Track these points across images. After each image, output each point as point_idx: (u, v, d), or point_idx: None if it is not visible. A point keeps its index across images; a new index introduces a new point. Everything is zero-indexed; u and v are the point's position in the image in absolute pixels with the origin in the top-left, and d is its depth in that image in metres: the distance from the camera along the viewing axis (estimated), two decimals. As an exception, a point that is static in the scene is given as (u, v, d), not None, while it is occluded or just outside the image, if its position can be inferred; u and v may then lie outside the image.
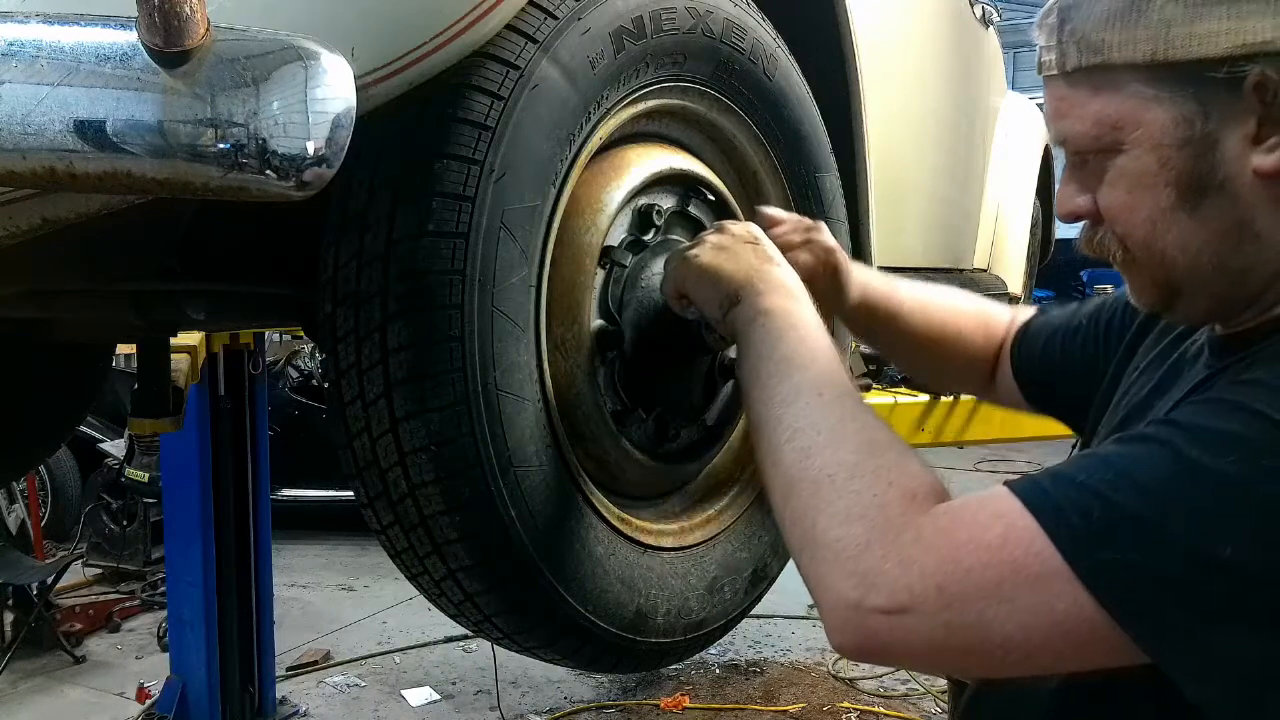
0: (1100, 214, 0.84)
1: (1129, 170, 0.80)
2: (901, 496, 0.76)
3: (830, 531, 0.77)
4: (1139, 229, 0.81)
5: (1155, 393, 0.91)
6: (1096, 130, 0.81)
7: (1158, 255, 0.81)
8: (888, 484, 0.77)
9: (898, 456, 0.81)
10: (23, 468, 2.62)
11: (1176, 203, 0.79)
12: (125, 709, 4.11)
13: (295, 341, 6.90)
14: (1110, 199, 0.82)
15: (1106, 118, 0.80)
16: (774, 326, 0.93)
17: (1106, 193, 0.82)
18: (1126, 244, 0.83)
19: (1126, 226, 0.82)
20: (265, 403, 3.78)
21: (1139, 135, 0.79)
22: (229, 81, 0.65)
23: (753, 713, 4.18)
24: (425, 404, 0.93)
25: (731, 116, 1.27)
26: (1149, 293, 0.86)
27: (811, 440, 0.82)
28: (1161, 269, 0.82)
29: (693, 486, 1.32)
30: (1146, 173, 0.79)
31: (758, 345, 0.94)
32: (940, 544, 0.73)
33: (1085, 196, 0.84)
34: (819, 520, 0.78)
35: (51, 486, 6.02)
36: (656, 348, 1.15)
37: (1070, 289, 17.47)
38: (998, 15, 3.59)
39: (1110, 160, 0.81)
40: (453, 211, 0.92)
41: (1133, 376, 0.98)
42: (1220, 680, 0.70)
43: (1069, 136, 0.83)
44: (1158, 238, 0.81)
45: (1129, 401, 0.95)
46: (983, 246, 3.63)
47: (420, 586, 1.08)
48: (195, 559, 3.53)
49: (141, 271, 1.06)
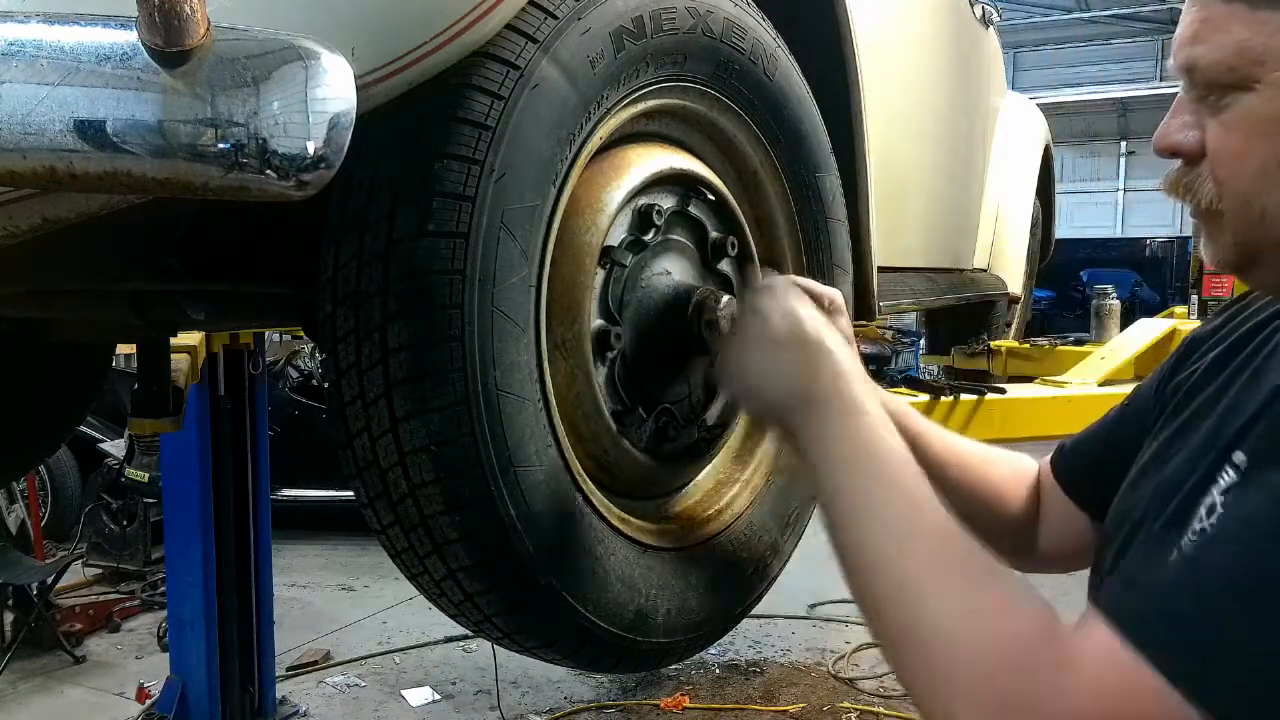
0: (1203, 154, 0.78)
1: (1255, 112, 0.74)
2: (1018, 649, 0.70)
3: (949, 706, 0.71)
4: (1244, 179, 0.75)
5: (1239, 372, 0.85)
6: (1235, 60, 0.74)
7: (1255, 211, 0.75)
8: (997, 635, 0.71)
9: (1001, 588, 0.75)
10: (23, 468, 2.62)
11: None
12: (125, 709, 4.11)
13: (295, 341, 6.91)
14: (1223, 140, 0.76)
15: (1250, 49, 0.73)
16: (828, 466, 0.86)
17: (1220, 133, 0.76)
18: (1223, 192, 0.77)
19: (1230, 173, 0.76)
20: (265, 403, 3.78)
21: (1278, 76, 0.72)
22: (229, 81, 0.65)
23: (753, 713, 4.18)
24: (425, 404, 0.93)
25: (731, 116, 1.27)
26: (1229, 252, 0.79)
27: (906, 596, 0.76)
28: (1252, 228, 0.76)
29: (694, 486, 1.32)
30: (1275, 119, 0.73)
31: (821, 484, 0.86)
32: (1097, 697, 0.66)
33: (1195, 132, 0.78)
34: (943, 690, 0.72)
35: (51, 486, 6.03)
36: (656, 348, 1.15)
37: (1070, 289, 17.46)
38: (998, 15, 3.59)
39: (1237, 97, 0.75)
40: (453, 211, 0.92)
41: (1196, 373, 0.93)
42: None
43: (1200, 64, 0.76)
44: (1263, 193, 0.75)
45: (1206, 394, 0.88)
46: (983, 246, 3.63)
47: (420, 586, 1.08)
48: (195, 559, 3.53)
49: (141, 271, 1.06)
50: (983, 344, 4.06)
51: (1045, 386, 3.18)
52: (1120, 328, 4.13)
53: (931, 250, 2.88)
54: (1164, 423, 0.94)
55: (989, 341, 4.07)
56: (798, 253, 1.41)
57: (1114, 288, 4.45)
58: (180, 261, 1.10)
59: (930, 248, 2.86)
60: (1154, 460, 0.92)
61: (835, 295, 1.11)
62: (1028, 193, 3.99)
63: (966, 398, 2.83)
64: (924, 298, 2.68)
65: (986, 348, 4.05)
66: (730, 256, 1.26)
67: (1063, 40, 22.41)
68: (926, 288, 2.72)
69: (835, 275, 1.45)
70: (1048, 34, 22.30)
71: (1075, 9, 21.62)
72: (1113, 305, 4.25)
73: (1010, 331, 4.32)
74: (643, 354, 1.14)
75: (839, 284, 1.47)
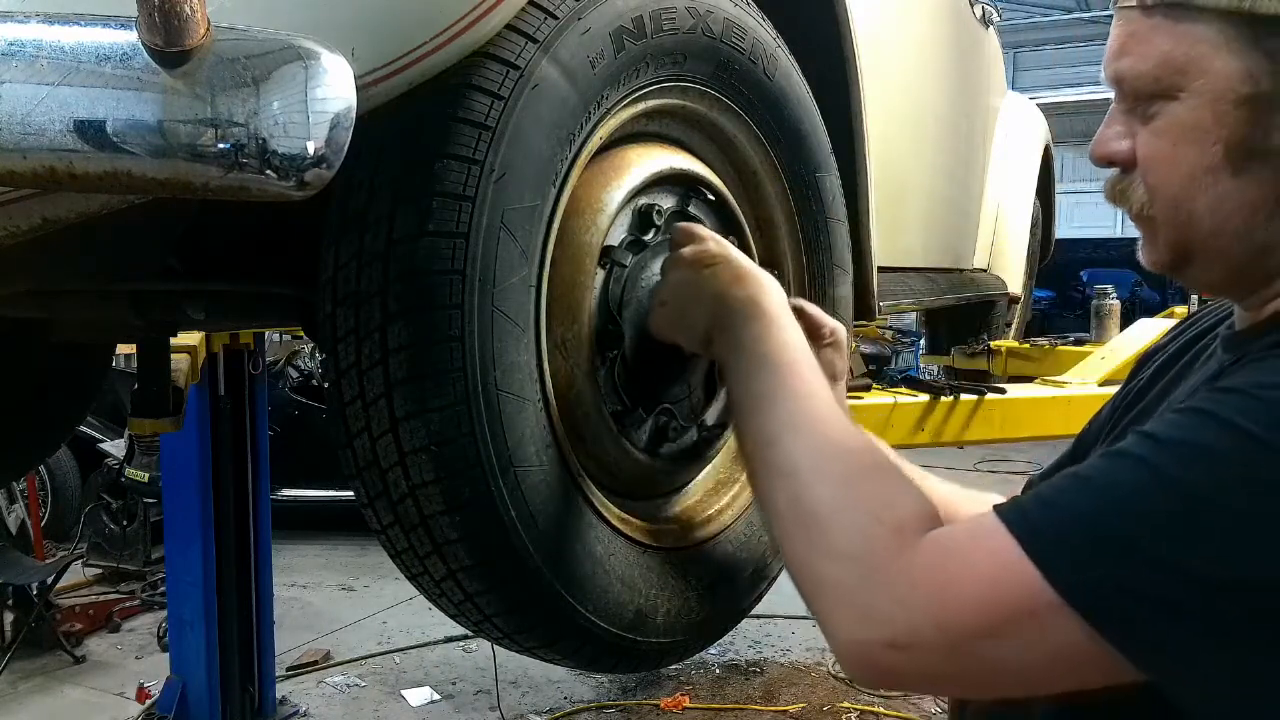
0: (1136, 161, 0.81)
1: (1181, 120, 0.77)
2: (889, 531, 0.76)
3: (826, 571, 0.77)
4: (1174, 184, 0.78)
5: (1175, 382, 0.89)
6: (1159, 71, 0.77)
7: (1184, 214, 0.79)
8: (873, 518, 0.77)
9: (879, 485, 0.80)
10: (23, 468, 2.62)
11: (1221, 162, 0.76)
12: (125, 709, 4.12)
13: (295, 341, 6.91)
14: (1152, 147, 0.79)
15: (1173, 60, 0.77)
16: (744, 365, 0.94)
17: (1149, 140, 0.79)
18: (1154, 197, 0.80)
19: (1161, 179, 0.79)
20: (265, 403, 3.79)
21: (1201, 85, 0.76)
22: (229, 81, 0.65)
23: (753, 713, 4.19)
24: (425, 404, 0.93)
25: (731, 116, 1.27)
26: (1162, 253, 0.83)
27: (794, 481, 0.83)
28: (1183, 230, 0.79)
29: (693, 486, 1.32)
30: (1199, 126, 0.76)
31: (733, 385, 0.95)
32: (933, 582, 0.73)
33: (1126, 141, 0.81)
34: (813, 561, 0.79)
35: (51, 486, 6.03)
36: (657, 347, 1.15)
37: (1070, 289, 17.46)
38: (998, 15, 3.60)
39: (1163, 106, 0.78)
40: (453, 211, 0.92)
41: (1137, 386, 0.96)
42: (1207, 691, 0.70)
43: (1127, 75, 0.80)
44: (1191, 196, 0.78)
45: (1143, 404, 0.93)
46: (983, 246, 3.63)
47: (420, 587, 1.08)
48: (195, 559, 3.53)
49: (141, 271, 1.06)
50: (983, 344, 4.06)
51: (1045, 386, 3.18)
52: (1120, 328, 4.13)
53: (931, 250, 2.88)
54: (1107, 435, 0.96)
55: (989, 341, 4.08)
56: (798, 253, 1.41)
57: (1114, 288, 4.45)
58: (180, 261, 1.10)
59: (930, 248, 2.87)
60: None
61: (837, 328, 1.14)
62: (1028, 193, 3.99)
63: (966, 398, 2.83)
64: (924, 298, 2.68)
65: (986, 348, 4.05)
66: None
67: (1063, 40, 22.40)
68: (926, 288, 2.72)
69: (835, 275, 1.45)
70: (1048, 34, 22.30)
71: (1075, 9, 21.62)
72: (1113, 305, 4.25)
73: (1010, 331, 4.32)
74: (643, 354, 1.14)
75: (839, 284, 1.47)
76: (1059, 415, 2.97)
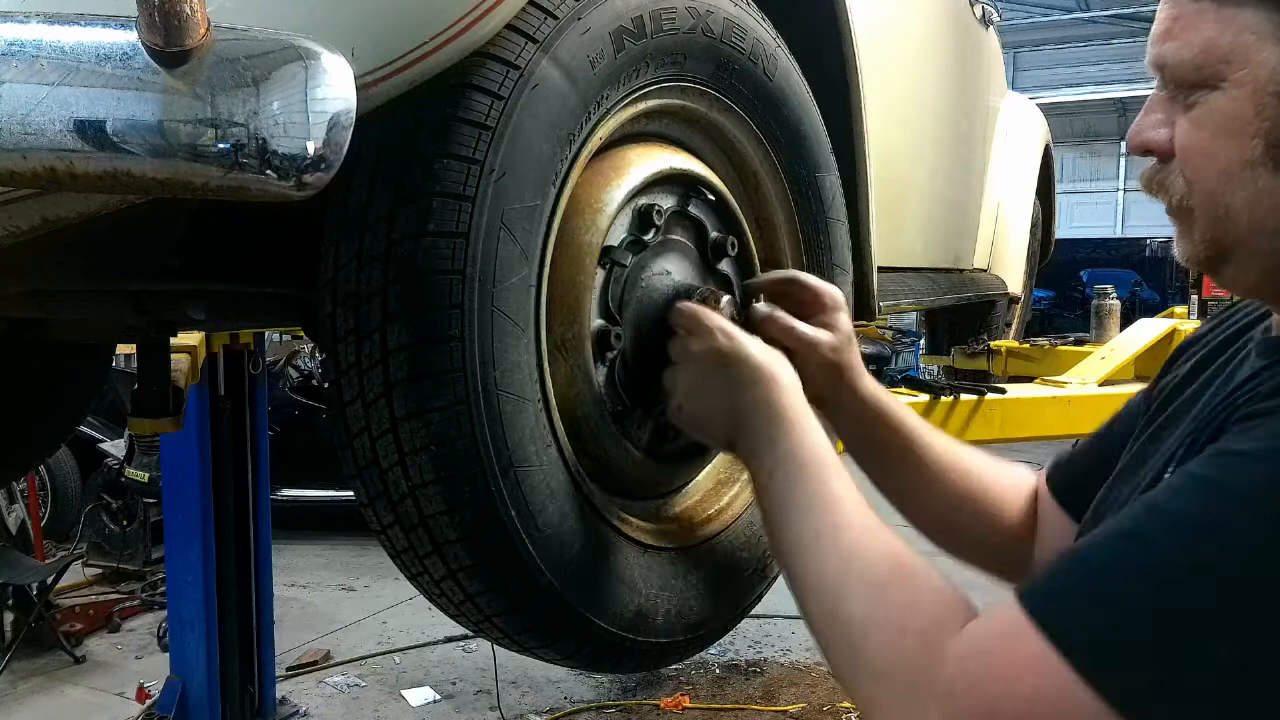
0: (1173, 151, 0.78)
1: (1221, 111, 0.75)
2: (914, 642, 0.75)
3: (868, 693, 0.77)
4: (1210, 177, 0.76)
5: (1208, 385, 0.87)
6: (1201, 59, 0.75)
7: (1221, 209, 0.76)
8: (899, 630, 0.76)
9: (903, 591, 0.79)
10: (23, 468, 2.62)
11: (1261, 157, 0.74)
12: (125, 709, 4.12)
13: (295, 341, 6.92)
14: (1190, 138, 0.77)
15: (1217, 48, 0.74)
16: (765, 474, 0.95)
17: (1188, 130, 0.77)
18: (1191, 190, 0.78)
19: (1198, 171, 0.77)
20: (265, 403, 3.78)
21: (1244, 75, 0.73)
22: (229, 81, 0.65)
23: (753, 713, 4.19)
24: (425, 404, 0.93)
25: (732, 116, 1.27)
26: (1198, 249, 0.80)
27: (823, 596, 0.83)
28: (1220, 225, 0.77)
29: (694, 486, 1.32)
30: (1239, 117, 0.74)
31: (759, 493, 0.97)
32: (976, 700, 0.70)
33: (1165, 130, 0.79)
34: (856, 681, 0.79)
35: (51, 486, 6.03)
36: (657, 348, 1.15)
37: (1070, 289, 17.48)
38: (998, 15, 3.60)
39: (1204, 96, 0.76)
40: (453, 211, 0.92)
41: (1174, 381, 0.94)
42: None
43: (1169, 61, 0.78)
44: (1229, 191, 0.75)
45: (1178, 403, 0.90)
46: (983, 246, 3.63)
47: (420, 587, 1.08)
48: (195, 559, 3.53)
49: (141, 271, 1.06)
50: (983, 344, 4.06)
51: (1045, 386, 3.18)
52: (1120, 328, 4.13)
53: (931, 250, 2.88)
54: (1144, 427, 0.95)
55: (989, 341, 4.08)
56: (798, 253, 1.41)
57: (1114, 288, 4.45)
58: (180, 261, 1.10)
59: (930, 248, 2.87)
60: (1130, 464, 0.93)
61: (835, 292, 1.16)
62: (1028, 193, 3.99)
63: (966, 398, 2.82)
64: (924, 298, 2.68)
65: (986, 348, 4.05)
66: (730, 256, 1.26)
67: (1063, 40, 22.42)
68: (926, 288, 2.72)
69: (835, 275, 1.45)
70: (1048, 34, 22.31)
71: (1075, 9, 21.63)
72: (1113, 305, 4.25)
73: (1010, 331, 4.32)
74: (643, 354, 1.14)
75: (839, 284, 1.47)
76: (1059, 415, 2.97)
